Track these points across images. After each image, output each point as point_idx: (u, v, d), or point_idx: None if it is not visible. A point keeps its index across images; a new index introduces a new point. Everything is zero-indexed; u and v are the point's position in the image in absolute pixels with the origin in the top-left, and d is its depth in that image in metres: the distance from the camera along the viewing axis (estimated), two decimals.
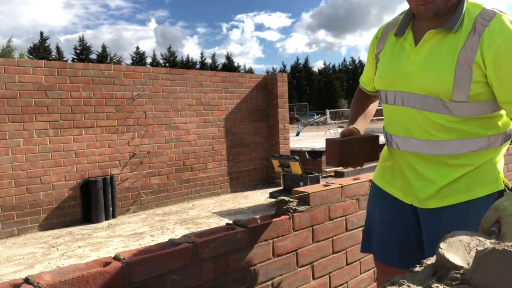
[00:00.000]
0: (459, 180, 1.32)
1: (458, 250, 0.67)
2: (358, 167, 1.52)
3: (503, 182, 1.31)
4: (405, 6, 1.39)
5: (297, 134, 17.18)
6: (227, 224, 1.49)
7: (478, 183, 1.29)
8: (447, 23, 1.23)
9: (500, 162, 1.34)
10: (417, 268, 0.68)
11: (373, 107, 1.69)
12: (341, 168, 8.37)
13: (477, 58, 1.17)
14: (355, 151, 1.43)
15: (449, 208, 1.32)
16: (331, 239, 1.81)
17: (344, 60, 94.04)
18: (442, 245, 0.68)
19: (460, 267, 0.62)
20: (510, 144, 1.51)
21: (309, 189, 1.76)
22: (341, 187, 1.88)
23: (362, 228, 1.77)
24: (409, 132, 1.34)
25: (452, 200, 1.32)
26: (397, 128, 1.38)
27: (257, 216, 1.56)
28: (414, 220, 1.44)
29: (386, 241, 1.53)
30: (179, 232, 4.78)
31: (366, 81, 1.60)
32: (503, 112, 1.28)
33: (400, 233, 1.47)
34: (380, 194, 1.53)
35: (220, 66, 53.01)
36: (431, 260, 0.69)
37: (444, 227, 1.31)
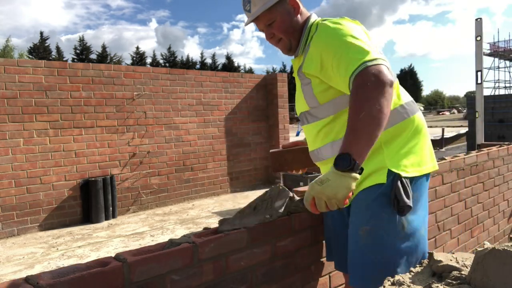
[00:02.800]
0: None
1: None
2: (297, 173, 1.79)
3: (396, 170, 1.30)
4: (406, 6, 1.45)
5: (297, 134, 17.19)
6: None
7: (363, 177, 1.32)
8: (296, 51, 1.47)
9: (397, 148, 1.33)
10: (417, 268, 0.68)
11: None
12: None
13: (305, 66, 1.38)
14: (287, 160, 1.74)
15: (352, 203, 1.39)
16: None
17: None
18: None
19: (460, 268, 0.62)
20: None
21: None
22: None
23: None
24: (309, 145, 1.55)
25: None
26: (308, 144, 1.59)
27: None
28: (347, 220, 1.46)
29: (336, 248, 1.56)
30: (179, 232, 4.78)
31: None
32: None
33: (343, 236, 1.48)
34: None
35: (220, 66, 53.01)
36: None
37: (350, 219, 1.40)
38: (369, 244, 1.32)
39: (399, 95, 1.38)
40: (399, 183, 1.29)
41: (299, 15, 1.44)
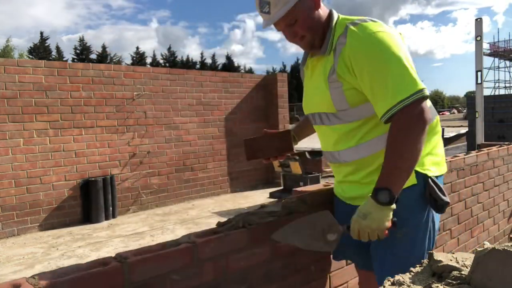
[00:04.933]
0: (366, 183, 1.39)
1: None
2: (274, 160, 1.74)
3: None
4: (407, 6, 1.44)
5: None
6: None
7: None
8: (322, 49, 1.41)
9: None
10: (417, 268, 0.68)
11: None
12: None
13: (338, 70, 1.33)
14: (261, 146, 1.71)
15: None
16: None
17: None
18: None
19: (460, 268, 0.62)
20: None
21: (309, 189, 1.76)
22: None
23: None
24: (326, 145, 1.54)
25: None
26: (322, 144, 1.58)
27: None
28: None
29: (349, 245, 1.53)
30: (179, 232, 4.77)
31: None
32: None
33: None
34: (335, 198, 1.62)
35: (220, 66, 52.99)
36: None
37: None
38: (405, 245, 1.36)
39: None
40: (431, 182, 1.33)
41: (320, 10, 1.39)
